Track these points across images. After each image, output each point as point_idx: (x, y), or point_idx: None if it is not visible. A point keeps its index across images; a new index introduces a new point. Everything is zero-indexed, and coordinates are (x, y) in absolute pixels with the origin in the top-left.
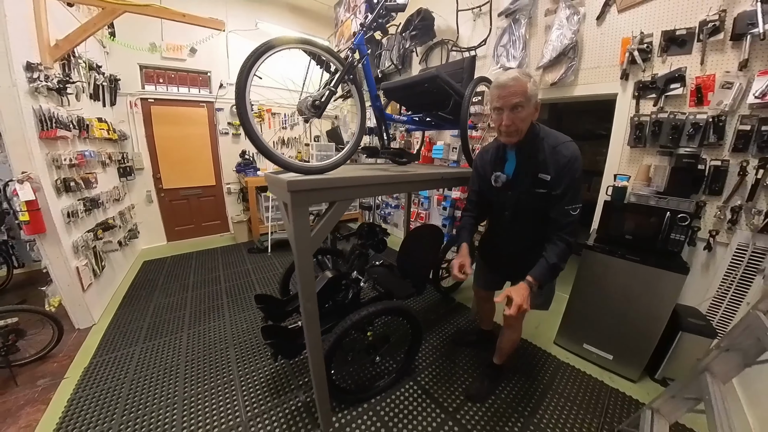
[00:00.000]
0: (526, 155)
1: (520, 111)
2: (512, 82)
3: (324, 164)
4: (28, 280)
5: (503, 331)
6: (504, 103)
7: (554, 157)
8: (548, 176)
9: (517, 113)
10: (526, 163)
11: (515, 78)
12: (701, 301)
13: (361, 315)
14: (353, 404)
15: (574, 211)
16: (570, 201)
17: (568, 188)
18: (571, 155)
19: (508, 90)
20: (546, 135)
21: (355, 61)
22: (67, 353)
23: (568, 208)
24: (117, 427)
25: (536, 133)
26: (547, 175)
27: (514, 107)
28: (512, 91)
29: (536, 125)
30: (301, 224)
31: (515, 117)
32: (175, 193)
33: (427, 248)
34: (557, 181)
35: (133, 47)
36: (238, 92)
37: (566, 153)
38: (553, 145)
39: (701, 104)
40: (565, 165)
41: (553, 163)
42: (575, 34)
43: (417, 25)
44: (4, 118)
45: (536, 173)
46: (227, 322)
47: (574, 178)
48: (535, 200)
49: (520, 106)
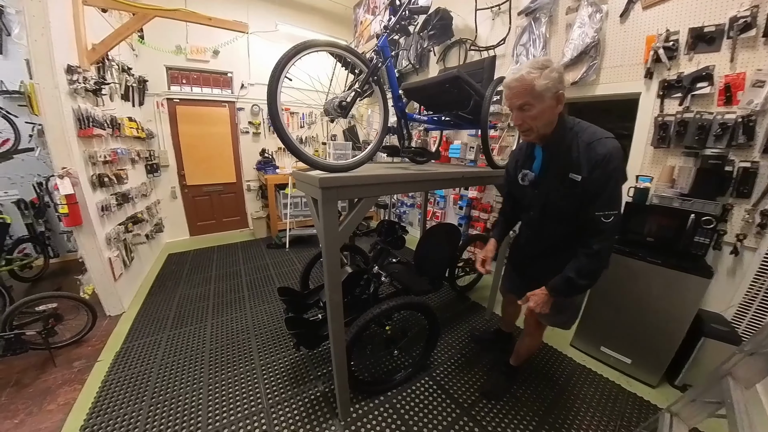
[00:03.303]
0: (554, 152)
1: (529, 109)
2: (515, 82)
3: (350, 162)
4: (61, 270)
5: (523, 337)
6: (510, 104)
7: (588, 154)
8: (579, 176)
9: (526, 112)
10: (554, 161)
11: (519, 78)
12: (726, 307)
13: (382, 308)
14: (370, 396)
15: (607, 219)
16: (602, 206)
17: (600, 191)
18: (606, 153)
19: (511, 91)
20: (581, 130)
21: (380, 63)
22: (100, 338)
23: (600, 214)
24: (147, 408)
25: (566, 128)
26: (578, 175)
27: (520, 107)
28: (515, 92)
29: (567, 119)
30: (330, 219)
31: (525, 116)
32: (198, 190)
33: (443, 246)
34: (589, 182)
35: (160, 50)
36: (270, 93)
37: (600, 151)
38: (587, 142)
39: (730, 104)
40: (597, 164)
41: (586, 161)
42: (597, 32)
43: (435, 24)
44: (47, 117)
45: (566, 173)
46: (248, 314)
47: (608, 180)
48: (563, 202)
49: (527, 105)
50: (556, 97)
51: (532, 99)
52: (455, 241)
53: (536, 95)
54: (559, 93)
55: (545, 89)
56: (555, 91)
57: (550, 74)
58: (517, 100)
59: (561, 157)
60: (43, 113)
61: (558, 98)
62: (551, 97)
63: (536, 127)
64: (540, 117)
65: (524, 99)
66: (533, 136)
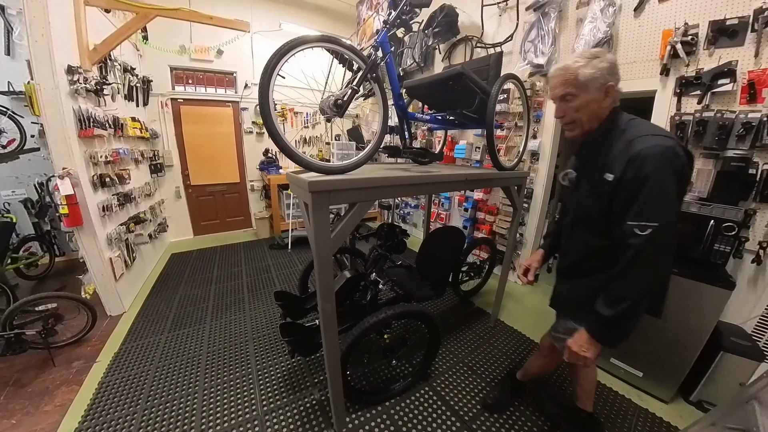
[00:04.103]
0: (594, 150)
1: (572, 100)
2: (559, 71)
3: (345, 164)
4: (67, 268)
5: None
6: (552, 95)
7: (625, 152)
8: (612, 176)
9: (568, 103)
10: (591, 160)
11: (563, 67)
12: (746, 319)
13: (379, 318)
14: (367, 406)
15: (642, 231)
16: (637, 215)
17: (634, 196)
18: (645, 151)
19: (553, 81)
20: (630, 127)
21: (378, 59)
22: (100, 338)
23: (633, 224)
24: (141, 412)
25: (615, 126)
26: (611, 174)
27: (562, 98)
28: (557, 82)
29: (622, 117)
30: (321, 225)
31: (566, 107)
32: (202, 190)
33: (447, 250)
34: (621, 183)
35: (164, 50)
36: (262, 91)
37: (637, 147)
38: (630, 139)
39: (754, 101)
40: (631, 162)
41: (621, 159)
42: (610, 27)
43: (440, 21)
44: (47, 118)
45: (602, 173)
46: (247, 317)
47: (643, 183)
48: (593, 206)
49: (569, 95)
50: (604, 90)
51: (574, 89)
52: (459, 244)
53: (579, 85)
54: (608, 85)
55: (590, 79)
56: (603, 82)
57: (599, 64)
58: (558, 89)
59: (599, 155)
60: (43, 113)
61: (607, 91)
62: (597, 88)
63: (580, 120)
64: (583, 109)
65: (566, 89)
66: (577, 131)
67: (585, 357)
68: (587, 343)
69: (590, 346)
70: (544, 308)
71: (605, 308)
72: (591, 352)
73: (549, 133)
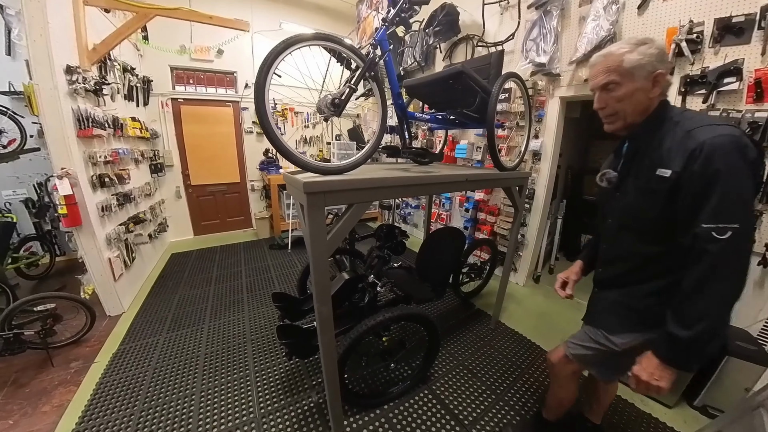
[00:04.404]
0: (642, 145)
1: (615, 89)
2: (600, 58)
3: (343, 164)
4: (68, 268)
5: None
6: (593, 84)
7: (684, 144)
8: (669, 171)
9: (610, 93)
10: (640, 156)
11: (606, 53)
12: (752, 322)
13: (376, 320)
14: (366, 409)
15: (721, 234)
16: (713, 216)
17: (704, 194)
18: (711, 142)
19: (594, 69)
20: (684, 118)
21: (377, 57)
22: (99, 338)
23: (708, 227)
24: (138, 414)
25: (666, 118)
26: (667, 169)
27: (604, 87)
28: (599, 69)
29: (672, 108)
30: (317, 226)
31: (608, 98)
32: (202, 189)
33: (447, 251)
34: (685, 179)
35: (164, 49)
36: (258, 90)
37: (701, 138)
38: (688, 129)
39: (761, 100)
40: (694, 155)
41: (681, 152)
42: (613, 25)
43: (441, 20)
44: (46, 118)
45: (654, 169)
46: (246, 317)
47: (715, 179)
48: (647, 208)
49: (612, 84)
50: (652, 78)
51: (618, 77)
52: (459, 245)
53: (624, 73)
54: (657, 73)
55: (637, 66)
56: (651, 70)
57: (647, 50)
58: (600, 77)
59: (649, 151)
60: (41, 113)
61: (655, 80)
62: (645, 76)
63: (623, 112)
64: (627, 100)
65: (609, 77)
66: (619, 124)
67: (658, 387)
68: (659, 369)
69: (664, 373)
70: (546, 310)
71: (680, 328)
72: (665, 380)
73: (551, 133)
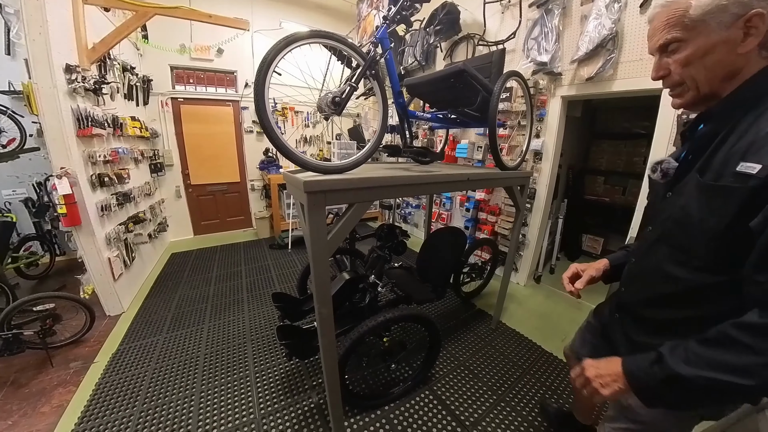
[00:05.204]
0: (725, 127)
1: (678, 49)
2: (660, 8)
3: (343, 163)
4: (67, 268)
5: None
6: (650, 46)
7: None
8: (758, 166)
9: (672, 55)
10: (715, 142)
11: (668, 2)
12: None
13: (377, 321)
14: (366, 410)
15: None
16: None
17: None
18: None
19: (653, 24)
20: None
21: (378, 55)
22: (98, 338)
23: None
24: (138, 414)
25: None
26: (758, 164)
27: (663, 48)
28: (658, 24)
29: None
30: (317, 226)
31: (672, 62)
32: (202, 189)
33: (448, 251)
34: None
35: (164, 49)
36: (257, 89)
37: None
38: None
39: None
40: None
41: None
42: (615, 23)
43: (442, 19)
44: (45, 117)
45: (735, 162)
46: (246, 317)
47: None
48: (705, 214)
49: (675, 42)
50: (741, 25)
51: (682, 31)
52: (461, 245)
53: (691, 25)
54: (751, 14)
55: (713, 11)
56: (738, 12)
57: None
58: (658, 36)
59: (734, 137)
60: (41, 113)
61: (749, 26)
62: (728, 23)
63: (692, 79)
64: (698, 62)
65: (670, 32)
66: (690, 96)
67: (596, 391)
68: (613, 378)
69: (615, 385)
70: (547, 310)
71: (679, 362)
72: (609, 391)
73: (552, 132)
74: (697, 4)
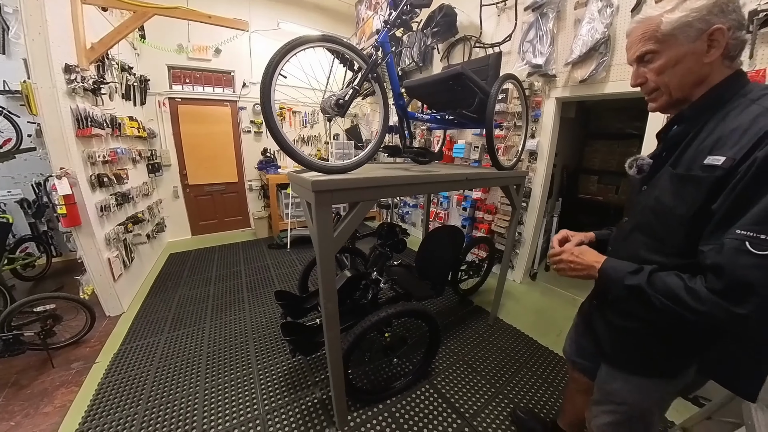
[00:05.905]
0: (693, 126)
1: (652, 60)
2: (635, 24)
3: (347, 163)
4: (64, 269)
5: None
6: (629, 57)
7: (757, 123)
8: (722, 158)
9: (647, 65)
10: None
11: (642, 19)
12: None
13: (380, 316)
14: (369, 404)
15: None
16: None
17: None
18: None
19: (630, 38)
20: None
21: (379, 59)
22: (99, 339)
23: (743, 234)
24: (143, 413)
25: (735, 92)
26: (721, 156)
27: (640, 59)
28: (634, 38)
29: (745, 79)
30: (324, 224)
31: (648, 71)
32: (200, 189)
33: (446, 249)
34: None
35: (161, 48)
36: (264, 91)
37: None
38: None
39: None
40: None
41: (750, 133)
42: (608, 27)
43: (439, 21)
44: (45, 117)
45: (703, 155)
46: (247, 316)
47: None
48: (676, 203)
49: (649, 54)
50: (705, 38)
51: (655, 44)
52: (458, 243)
53: (662, 38)
54: (712, 29)
55: (680, 27)
56: (702, 27)
57: (693, 4)
58: (636, 46)
59: (703, 135)
60: (40, 113)
61: (711, 38)
62: (694, 37)
63: (665, 85)
64: (669, 70)
65: (645, 46)
66: (662, 99)
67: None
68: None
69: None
70: (543, 306)
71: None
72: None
73: (547, 133)
74: (668, 20)
